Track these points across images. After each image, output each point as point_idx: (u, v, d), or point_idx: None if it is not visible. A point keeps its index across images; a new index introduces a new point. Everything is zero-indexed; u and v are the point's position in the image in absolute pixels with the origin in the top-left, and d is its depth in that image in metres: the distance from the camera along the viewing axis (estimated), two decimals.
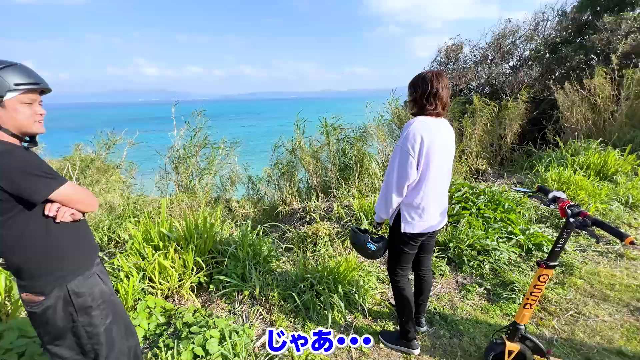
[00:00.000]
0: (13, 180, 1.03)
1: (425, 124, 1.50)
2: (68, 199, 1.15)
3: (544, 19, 9.94)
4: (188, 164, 5.06)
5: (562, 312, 2.15)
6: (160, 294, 2.43)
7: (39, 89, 1.12)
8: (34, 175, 1.07)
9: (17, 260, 1.14)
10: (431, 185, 1.59)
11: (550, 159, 4.88)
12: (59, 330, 1.25)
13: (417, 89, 1.55)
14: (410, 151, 1.50)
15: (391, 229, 1.76)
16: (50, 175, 1.10)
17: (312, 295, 2.31)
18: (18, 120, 1.10)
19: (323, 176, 5.43)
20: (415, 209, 1.62)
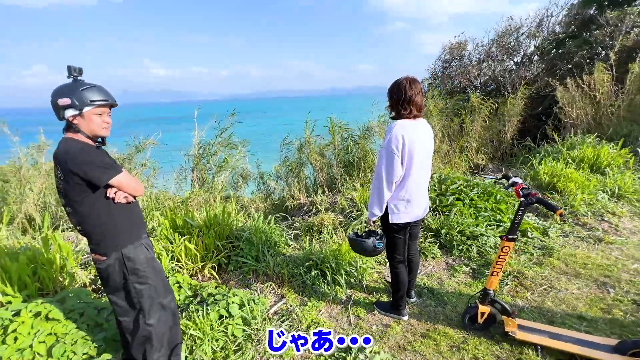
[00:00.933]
0: (85, 170, 1.41)
1: (404, 126, 1.78)
2: (121, 185, 1.53)
3: (548, 14, 10.00)
4: (207, 161, 5.46)
5: (536, 286, 2.45)
6: (186, 272, 2.82)
7: (108, 104, 1.50)
8: (99, 167, 1.44)
9: (87, 228, 1.53)
10: (413, 180, 1.86)
11: (546, 153, 5.10)
12: (115, 284, 1.63)
13: (393, 95, 1.80)
14: (395, 151, 1.76)
15: (383, 222, 2.02)
16: (110, 167, 1.48)
17: (317, 273, 2.66)
18: (91, 127, 1.48)
19: (329, 172, 5.77)
20: (400, 201, 1.89)
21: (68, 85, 1.42)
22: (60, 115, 1.43)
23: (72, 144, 1.44)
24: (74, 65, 1.43)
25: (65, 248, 2.65)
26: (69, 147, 1.43)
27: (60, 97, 1.40)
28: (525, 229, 3.21)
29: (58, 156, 1.43)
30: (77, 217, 1.51)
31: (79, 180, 1.43)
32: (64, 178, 1.44)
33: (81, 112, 1.43)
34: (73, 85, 1.42)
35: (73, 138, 1.46)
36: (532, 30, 9.79)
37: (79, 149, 1.43)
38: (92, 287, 2.66)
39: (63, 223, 3.62)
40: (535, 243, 3.06)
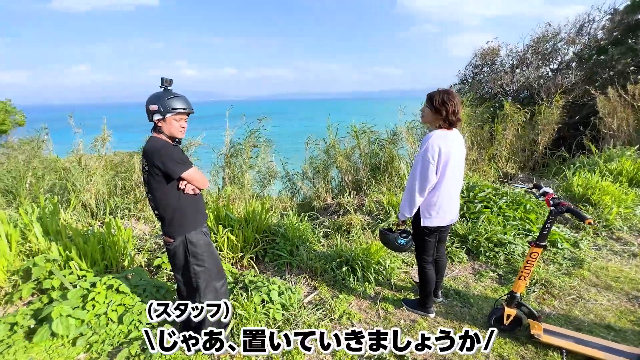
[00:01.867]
0: (164, 163, 1.69)
1: (440, 137, 1.92)
2: (191, 178, 1.80)
3: (590, 19, 9.60)
4: (237, 159, 5.80)
5: (564, 295, 2.49)
6: (227, 261, 3.10)
7: (186, 112, 1.78)
8: (175, 161, 1.72)
9: (161, 213, 1.82)
10: (446, 187, 2.00)
11: (581, 164, 4.98)
12: (179, 264, 1.91)
13: (438, 109, 1.92)
14: (430, 160, 1.90)
15: (414, 225, 2.17)
16: (183, 162, 1.75)
17: (347, 269, 2.84)
18: (171, 129, 1.76)
19: (355, 175, 5.93)
20: (432, 206, 2.04)
21: (158, 94, 1.72)
22: (150, 118, 1.73)
23: (156, 141, 1.73)
24: (166, 77, 1.72)
25: (127, 233, 3.01)
26: (154, 144, 1.72)
27: (151, 104, 1.70)
28: (555, 239, 3.22)
29: (146, 151, 1.72)
30: (155, 203, 1.80)
31: (158, 172, 1.72)
32: (149, 170, 1.73)
33: (164, 117, 1.72)
34: (162, 94, 1.71)
35: (157, 137, 1.75)
36: (572, 36, 9.44)
37: (161, 146, 1.72)
38: (147, 268, 3.00)
39: (120, 212, 4.05)
40: (565, 254, 3.07)
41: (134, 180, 4.59)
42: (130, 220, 3.99)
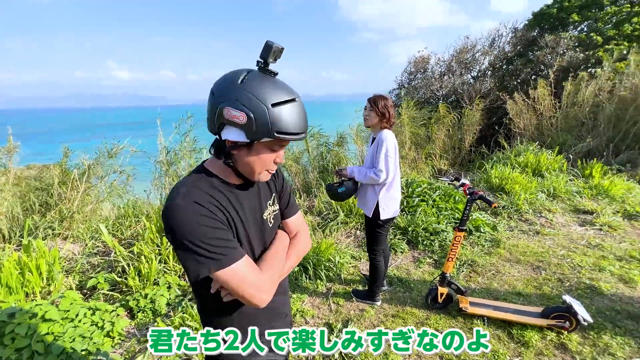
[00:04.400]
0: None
1: (392, 135, 2.14)
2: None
3: (499, 34, 11.13)
4: (177, 168, 5.50)
5: (485, 272, 2.90)
6: (174, 274, 2.95)
7: None
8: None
9: None
10: (397, 181, 2.23)
11: (497, 159, 5.78)
12: None
13: (383, 111, 2.11)
14: (392, 154, 2.09)
15: (371, 220, 2.28)
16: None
17: (299, 269, 2.92)
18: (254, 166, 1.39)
19: (305, 178, 6.06)
20: (390, 199, 2.22)
21: (252, 86, 1.35)
22: (214, 128, 1.46)
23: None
24: (275, 44, 1.35)
25: (52, 254, 2.69)
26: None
27: (231, 107, 1.41)
28: (479, 225, 3.71)
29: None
30: None
31: None
32: None
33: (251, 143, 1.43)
34: (260, 87, 1.41)
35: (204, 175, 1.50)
36: (486, 48, 10.86)
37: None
38: (80, 291, 2.71)
39: (41, 232, 3.57)
40: (486, 236, 3.55)
41: (55, 196, 4.10)
42: (56, 240, 3.55)
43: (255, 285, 0.83)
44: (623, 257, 3.00)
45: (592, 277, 2.71)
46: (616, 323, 2.18)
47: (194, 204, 0.79)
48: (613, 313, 2.28)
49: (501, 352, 1.99)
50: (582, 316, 2.00)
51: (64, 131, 65.26)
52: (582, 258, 3.02)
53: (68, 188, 4.21)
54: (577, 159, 5.70)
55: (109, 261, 3.00)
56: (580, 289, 2.58)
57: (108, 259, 3.02)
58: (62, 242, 3.62)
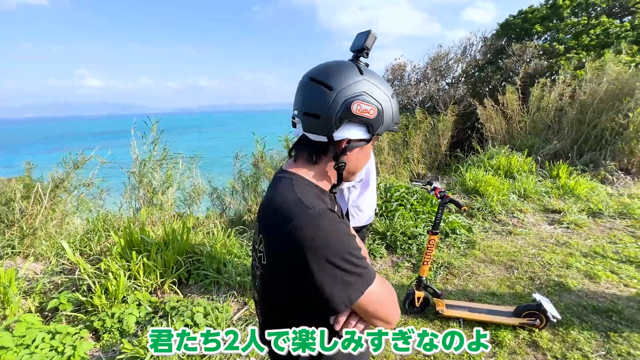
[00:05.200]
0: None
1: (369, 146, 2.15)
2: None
3: (470, 43, 11.63)
4: (150, 178, 5.30)
5: (461, 273, 2.95)
6: (144, 290, 2.81)
7: None
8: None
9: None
10: (371, 190, 2.22)
11: (472, 162, 5.97)
12: None
13: None
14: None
15: None
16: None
17: None
18: (358, 166, 1.13)
19: None
20: (362, 206, 2.21)
21: (370, 78, 1.10)
22: (326, 130, 1.28)
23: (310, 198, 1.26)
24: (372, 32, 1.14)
25: (8, 275, 2.50)
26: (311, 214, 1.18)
27: (359, 99, 1.20)
28: (455, 227, 3.79)
29: (295, 226, 1.19)
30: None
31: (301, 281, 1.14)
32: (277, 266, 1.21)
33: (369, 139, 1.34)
34: (378, 79, 1.21)
35: (310, 182, 1.37)
36: (458, 56, 11.30)
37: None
38: (40, 313, 2.53)
39: None
40: (462, 238, 3.63)
41: (16, 212, 3.84)
42: (15, 259, 3.31)
43: (394, 300, 0.69)
44: (588, 254, 3.15)
45: (560, 274, 2.82)
46: (583, 318, 2.26)
47: (329, 211, 0.66)
48: (580, 308, 2.36)
49: (476, 354, 2.01)
50: (551, 313, 2.06)
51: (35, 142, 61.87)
52: (551, 256, 3.13)
53: (30, 203, 3.96)
54: (544, 161, 5.98)
55: (73, 280, 2.82)
56: (550, 286, 2.67)
57: (72, 278, 2.84)
58: (22, 261, 3.38)
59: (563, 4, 9.84)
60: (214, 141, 48.50)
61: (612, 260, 2.97)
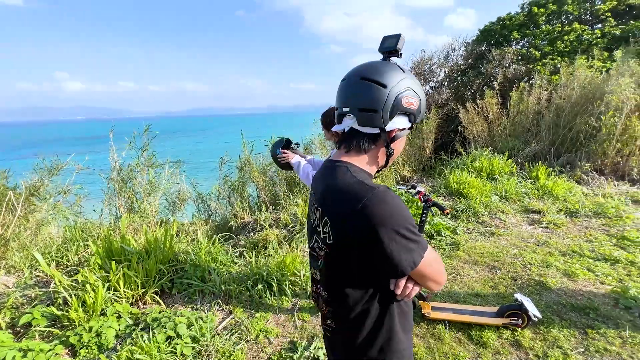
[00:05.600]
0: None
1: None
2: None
3: (452, 49, 11.93)
4: (133, 185, 5.14)
5: (447, 275, 2.99)
6: (125, 301, 2.71)
7: None
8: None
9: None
10: None
11: (455, 165, 6.09)
12: None
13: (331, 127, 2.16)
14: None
15: None
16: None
17: (263, 286, 2.82)
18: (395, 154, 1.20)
19: (272, 190, 5.96)
20: None
21: (404, 75, 1.04)
22: (381, 121, 1.27)
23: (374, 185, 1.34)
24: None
25: None
26: (384, 194, 1.27)
27: (407, 95, 1.11)
28: (440, 229, 3.85)
29: (366, 205, 1.22)
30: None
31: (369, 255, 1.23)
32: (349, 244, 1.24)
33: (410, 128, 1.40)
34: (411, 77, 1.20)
35: (366, 169, 1.39)
36: (441, 61, 11.57)
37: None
38: (11, 330, 2.39)
39: None
40: (447, 240, 3.68)
41: None
42: None
43: (442, 264, 0.84)
44: (566, 253, 3.25)
45: (541, 274, 2.90)
46: (562, 316, 2.33)
47: (389, 189, 0.78)
48: (559, 307, 2.43)
49: (462, 355, 2.04)
50: (532, 312, 2.11)
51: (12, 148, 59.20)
52: (532, 256, 3.22)
53: (1, 213, 3.77)
54: (524, 163, 6.17)
55: (48, 293, 2.70)
56: (531, 285, 2.74)
57: (47, 291, 2.71)
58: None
59: (538, 12, 10.25)
60: (200, 145, 47.79)
61: (589, 259, 3.08)
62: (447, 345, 2.13)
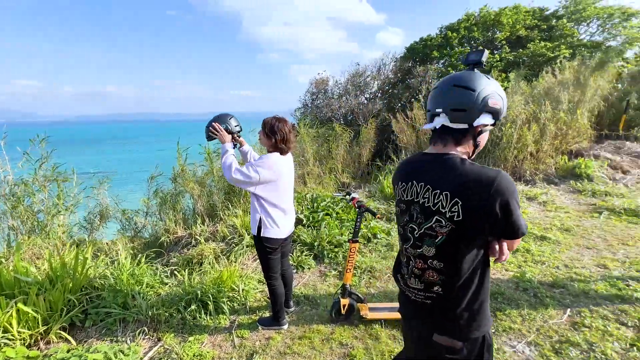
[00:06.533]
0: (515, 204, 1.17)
1: (280, 157, 2.10)
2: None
3: (384, 63, 12.90)
4: (32, 202, 4.33)
5: (383, 275, 3.16)
6: (20, 344, 2.25)
7: None
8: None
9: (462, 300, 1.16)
10: (284, 203, 2.19)
11: (389, 171, 6.55)
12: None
13: (272, 136, 2.07)
14: (265, 171, 2.02)
15: (257, 239, 2.19)
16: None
17: (197, 305, 2.61)
18: None
19: (209, 201, 5.62)
20: (276, 218, 2.15)
21: (488, 80, 1.14)
22: (474, 116, 1.20)
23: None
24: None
25: None
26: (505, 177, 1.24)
27: (493, 97, 1.13)
28: (376, 232, 4.06)
29: (499, 182, 1.21)
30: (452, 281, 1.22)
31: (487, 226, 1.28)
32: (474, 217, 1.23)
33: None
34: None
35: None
36: (374, 74, 12.42)
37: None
38: None
39: None
40: (382, 242, 3.91)
41: None
42: None
43: None
44: None
45: None
46: None
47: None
48: None
49: (397, 351, 2.16)
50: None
51: None
52: None
53: None
54: None
55: None
56: None
57: None
58: None
59: (452, 36, 11.76)
60: (127, 154, 42.96)
61: None
62: (383, 343, 2.24)
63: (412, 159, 1.17)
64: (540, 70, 9.19)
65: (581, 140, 7.60)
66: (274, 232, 2.18)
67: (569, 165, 6.38)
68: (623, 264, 3.14)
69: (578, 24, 12.10)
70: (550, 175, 6.37)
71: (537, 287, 2.79)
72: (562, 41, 10.88)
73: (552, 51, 10.32)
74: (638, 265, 3.09)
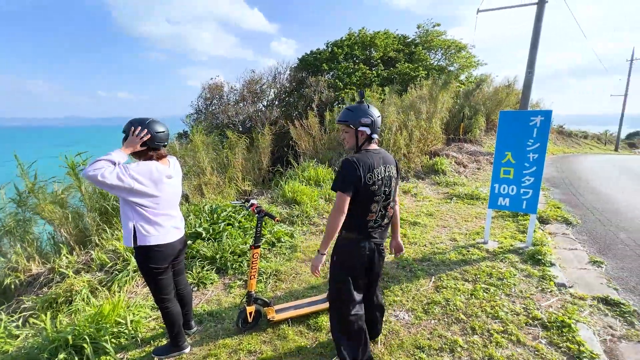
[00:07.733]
0: None
1: (147, 164, 1.89)
2: None
3: (279, 72, 13.24)
4: None
5: (288, 277, 3.28)
6: None
7: None
8: None
9: None
10: (165, 209, 1.98)
11: (289, 176, 6.78)
12: None
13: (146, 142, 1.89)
14: (135, 178, 1.80)
15: (138, 252, 1.93)
16: None
17: (68, 353, 2.14)
18: None
19: (78, 224, 4.64)
20: (154, 222, 1.91)
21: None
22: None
23: None
24: None
25: None
26: None
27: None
28: (280, 236, 4.16)
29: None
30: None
31: None
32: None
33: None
34: None
35: None
36: (270, 82, 12.62)
37: None
38: None
39: None
40: (286, 245, 4.04)
41: None
42: None
43: None
44: None
45: None
46: None
47: None
48: None
49: (303, 345, 2.29)
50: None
51: None
52: None
53: None
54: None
55: None
56: None
57: None
58: None
59: (338, 52, 13.05)
60: None
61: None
62: (290, 341, 2.33)
63: (369, 155, 1.82)
64: (408, 86, 11.17)
65: (437, 143, 9.60)
66: (157, 238, 1.92)
67: (430, 163, 7.97)
68: (465, 236, 4.16)
69: (429, 51, 15.27)
70: (418, 172, 7.80)
71: (412, 264, 3.41)
72: (420, 64, 13.51)
73: (413, 71, 12.68)
74: (474, 235, 4.15)
